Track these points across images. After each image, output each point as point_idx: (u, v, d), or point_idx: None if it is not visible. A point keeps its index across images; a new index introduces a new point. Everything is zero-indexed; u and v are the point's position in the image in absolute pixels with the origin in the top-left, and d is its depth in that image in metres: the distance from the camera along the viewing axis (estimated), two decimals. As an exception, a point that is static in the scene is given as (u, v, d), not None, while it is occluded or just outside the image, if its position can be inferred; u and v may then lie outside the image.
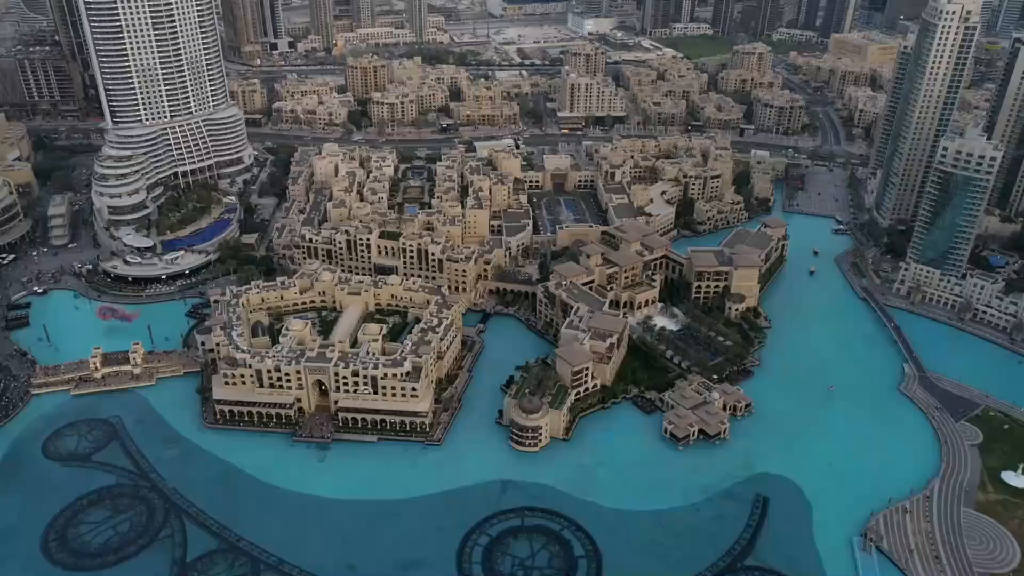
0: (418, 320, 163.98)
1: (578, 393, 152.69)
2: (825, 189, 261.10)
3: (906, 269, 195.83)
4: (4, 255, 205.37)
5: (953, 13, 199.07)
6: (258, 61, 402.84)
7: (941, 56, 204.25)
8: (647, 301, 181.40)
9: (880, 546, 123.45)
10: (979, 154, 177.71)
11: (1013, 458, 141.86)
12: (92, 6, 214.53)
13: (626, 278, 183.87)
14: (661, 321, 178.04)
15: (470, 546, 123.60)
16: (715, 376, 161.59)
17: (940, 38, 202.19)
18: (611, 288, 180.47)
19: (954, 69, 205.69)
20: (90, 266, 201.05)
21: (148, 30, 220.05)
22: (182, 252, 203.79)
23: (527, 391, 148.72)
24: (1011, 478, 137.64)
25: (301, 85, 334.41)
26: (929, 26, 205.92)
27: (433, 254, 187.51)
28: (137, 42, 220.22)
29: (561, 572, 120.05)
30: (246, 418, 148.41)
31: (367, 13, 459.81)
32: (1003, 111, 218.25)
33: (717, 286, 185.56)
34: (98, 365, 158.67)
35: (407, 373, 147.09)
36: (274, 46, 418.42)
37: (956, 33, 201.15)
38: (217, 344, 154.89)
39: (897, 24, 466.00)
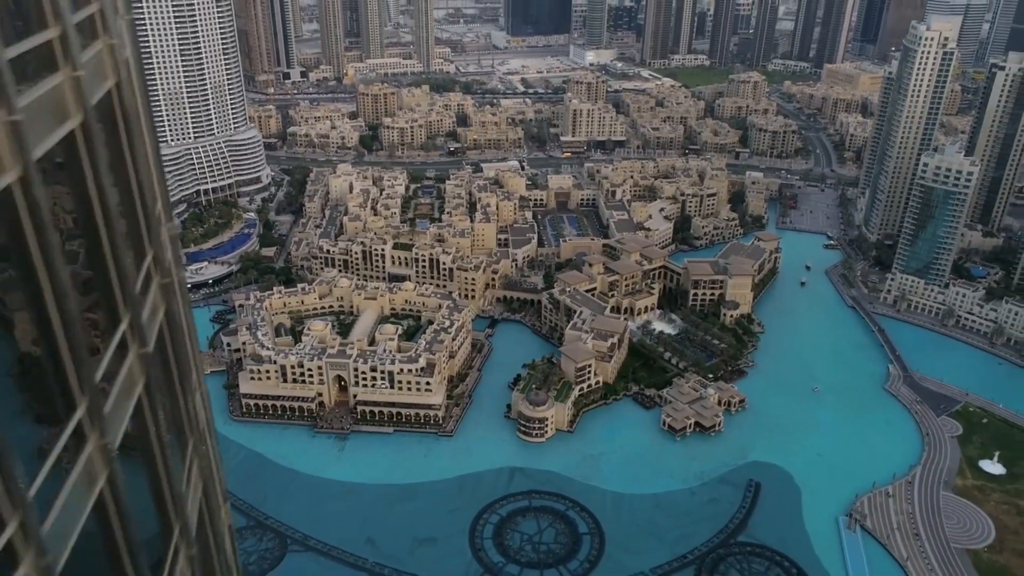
0: (431, 322, 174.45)
1: (581, 389, 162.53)
2: (817, 208, 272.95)
3: (892, 279, 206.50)
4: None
5: (931, 39, 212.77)
6: (271, 90, 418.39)
7: (921, 79, 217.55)
8: (646, 307, 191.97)
9: (864, 525, 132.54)
10: (957, 169, 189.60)
11: (991, 448, 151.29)
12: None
13: (626, 286, 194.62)
14: (660, 325, 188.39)
15: (481, 524, 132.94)
16: (711, 375, 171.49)
17: (920, 62, 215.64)
18: (612, 295, 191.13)
19: (934, 91, 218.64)
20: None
21: (175, 56, 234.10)
22: (205, 263, 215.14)
23: (534, 386, 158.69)
24: (988, 465, 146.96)
25: (314, 111, 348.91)
26: (910, 52, 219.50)
27: (444, 263, 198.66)
28: (164, 67, 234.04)
29: (566, 547, 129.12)
30: (270, 411, 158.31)
31: (376, 44, 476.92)
32: (982, 132, 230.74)
33: (713, 294, 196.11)
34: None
35: (421, 369, 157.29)
36: (287, 75, 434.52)
37: (935, 57, 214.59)
38: (243, 343, 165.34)
39: (888, 55, 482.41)
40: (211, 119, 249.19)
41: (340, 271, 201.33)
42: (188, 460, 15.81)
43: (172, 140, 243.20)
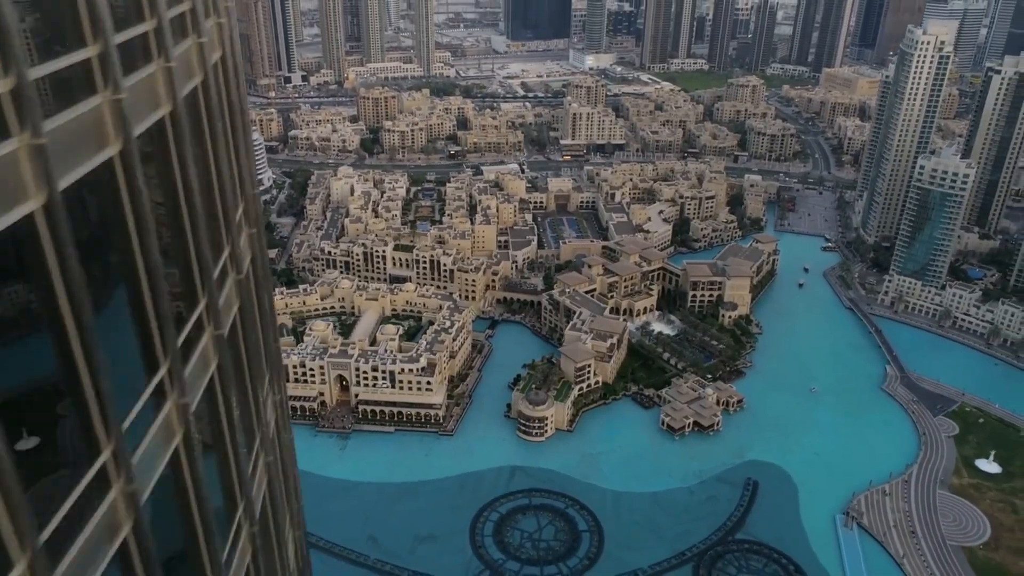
0: (431, 323, 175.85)
1: (581, 389, 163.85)
2: (815, 210, 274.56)
3: (889, 281, 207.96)
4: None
5: (928, 43, 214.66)
6: (272, 93, 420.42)
7: (918, 83, 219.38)
8: (645, 308, 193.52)
9: (861, 523, 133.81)
10: (953, 171, 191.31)
11: (987, 448, 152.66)
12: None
13: (625, 287, 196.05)
14: (659, 326, 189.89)
15: (482, 522, 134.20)
16: (709, 375, 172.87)
17: (916, 66, 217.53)
18: (611, 296, 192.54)
19: (930, 95, 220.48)
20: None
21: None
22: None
23: (533, 386, 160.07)
24: (984, 464, 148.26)
25: (315, 114, 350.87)
26: (906, 56, 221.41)
27: (445, 265, 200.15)
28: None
29: (566, 545, 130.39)
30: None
31: (377, 49, 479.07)
32: (978, 135, 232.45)
33: (711, 295, 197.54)
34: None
35: (422, 368, 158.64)
36: (288, 79, 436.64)
37: (931, 61, 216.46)
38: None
39: (886, 60, 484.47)
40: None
41: (341, 272, 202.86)
42: (235, 526, 14.86)
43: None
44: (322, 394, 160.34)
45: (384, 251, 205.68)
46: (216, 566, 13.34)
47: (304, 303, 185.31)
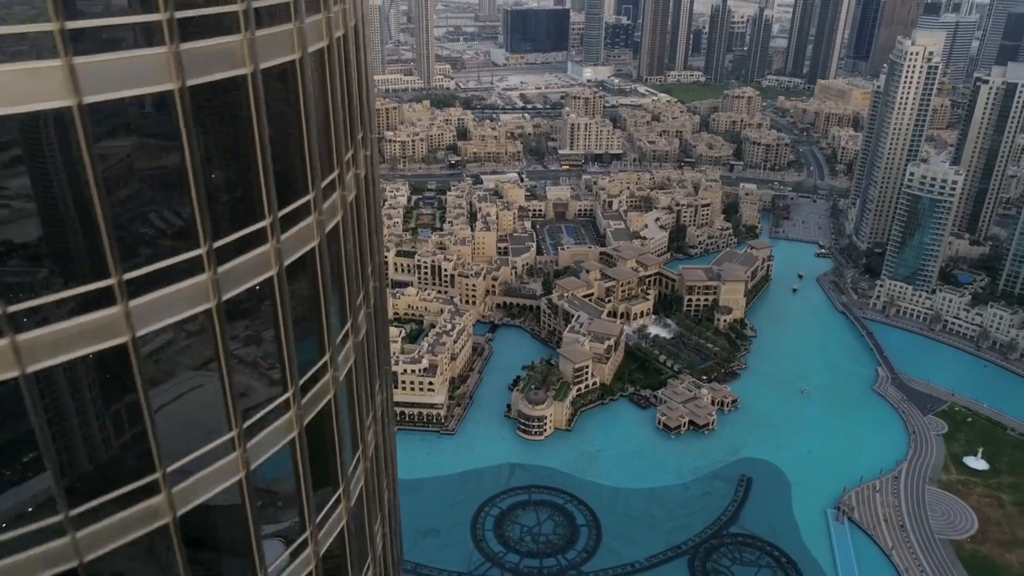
0: (433, 326, 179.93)
1: (579, 389, 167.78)
2: (809, 218, 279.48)
3: (881, 285, 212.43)
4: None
5: (917, 54, 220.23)
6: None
7: (907, 92, 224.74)
8: (642, 312, 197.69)
9: (851, 517, 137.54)
10: (942, 178, 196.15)
11: (975, 445, 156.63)
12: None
13: (623, 291, 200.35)
14: (655, 330, 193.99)
15: (483, 517, 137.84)
16: (704, 377, 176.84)
17: (906, 76, 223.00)
18: (609, 300, 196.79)
19: (920, 104, 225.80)
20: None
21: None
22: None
23: (533, 386, 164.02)
24: (972, 461, 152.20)
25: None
26: (896, 66, 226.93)
27: (446, 270, 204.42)
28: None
29: (564, 538, 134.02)
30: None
31: (377, 61, 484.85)
32: (968, 144, 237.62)
33: (707, 299, 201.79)
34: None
35: (424, 369, 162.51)
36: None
37: (920, 71, 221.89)
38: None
39: (880, 71, 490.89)
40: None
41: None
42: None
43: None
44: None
45: (386, 256, 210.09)
46: (332, 335, 17.35)
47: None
